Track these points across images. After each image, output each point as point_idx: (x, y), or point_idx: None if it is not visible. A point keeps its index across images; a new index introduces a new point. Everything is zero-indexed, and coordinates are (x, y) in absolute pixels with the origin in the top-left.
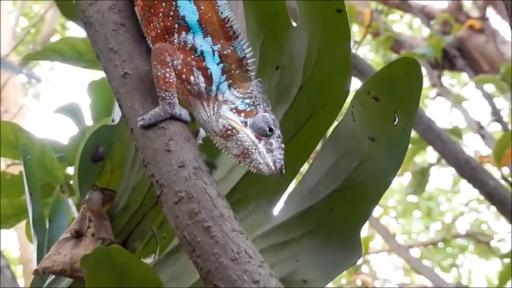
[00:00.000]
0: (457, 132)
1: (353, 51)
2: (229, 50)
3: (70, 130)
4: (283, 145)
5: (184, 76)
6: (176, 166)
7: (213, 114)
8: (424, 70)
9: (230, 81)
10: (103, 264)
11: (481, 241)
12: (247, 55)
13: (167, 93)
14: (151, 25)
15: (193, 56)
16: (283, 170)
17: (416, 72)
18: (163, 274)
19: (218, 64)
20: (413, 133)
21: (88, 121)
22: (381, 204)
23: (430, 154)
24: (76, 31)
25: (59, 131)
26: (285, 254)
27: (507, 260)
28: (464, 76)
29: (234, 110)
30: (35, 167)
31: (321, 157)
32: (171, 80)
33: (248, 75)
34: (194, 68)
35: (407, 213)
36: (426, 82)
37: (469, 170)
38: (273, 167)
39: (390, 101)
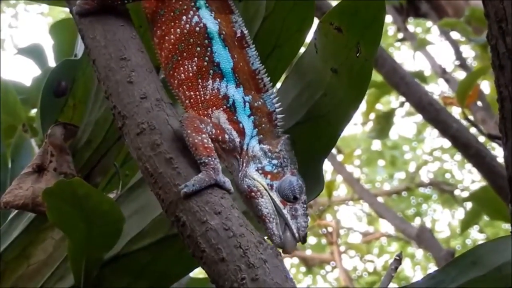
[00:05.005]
0: (421, 75)
1: None
2: (260, 103)
3: (33, 73)
4: (308, 212)
5: (219, 137)
6: (138, 97)
7: (240, 170)
8: (389, 17)
9: (261, 136)
10: (65, 197)
11: (445, 190)
12: (277, 110)
13: (209, 159)
14: (181, 68)
15: (224, 107)
16: (306, 238)
17: (378, 2)
18: (126, 209)
19: (249, 116)
20: (377, 77)
21: (52, 63)
22: (345, 152)
23: (394, 103)
24: None
25: (24, 77)
26: None
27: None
28: (429, 24)
29: (260, 171)
30: None
31: (283, 90)
32: (210, 145)
33: (276, 130)
34: (225, 126)
35: (371, 162)
36: (391, 31)
37: (432, 113)
38: (281, 239)
39: (352, 32)
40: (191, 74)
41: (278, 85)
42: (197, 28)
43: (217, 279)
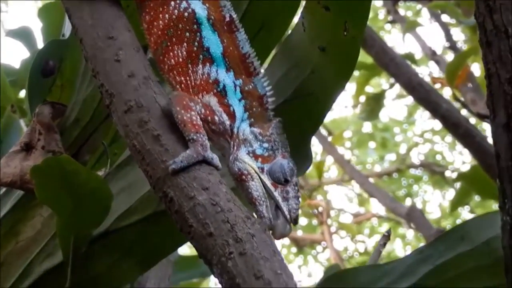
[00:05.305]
0: (411, 57)
1: None
2: (250, 87)
3: (23, 55)
4: (299, 194)
5: (209, 118)
6: (126, 75)
7: (231, 153)
8: (380, 1)
9: (252, 120)
10: (53, 174)
11: (435, 171)
12: (267, 93)
13: (198, 135)
14: (171, 53)
15: (215, 91)
16: (297, 220)
17: None
18: (114, 186)
19: (240, 100)
20: (367, 59)
21: (41, 46)
22: (335, 134)
23: (385, 86)
24: None
25: (13, 60)
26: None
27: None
28: (419, 7)
29: (251, 154)
30: None
31: (271, 68)
32: (199, 122)
33: (268, 114)
34: (215, 108)
35: (362, 144)
36: (381, 14)
37: (422, 93)
38: (271, 222)
39: (340, 10)
40: (181, 59)
41: (266, 64)
42: (186, 14)
43: (205, 254)
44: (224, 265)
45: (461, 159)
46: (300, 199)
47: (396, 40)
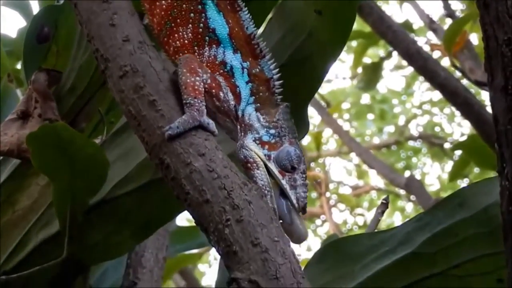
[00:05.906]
0: (408, 25)
1: None
2: (257, 70)
3: (19, 25)
4: (307, 182)
5: (214, 91)
6: (121, 40)
7: (238, 139)
8: None
9: (258, 104)
10: (49, 141)
11: (434, 143)
12: (274, 76)
13: (196, 100)
14: (176, 35)
15: (222, 71)
16: (306, 209)
17: None
18: (110, 154)
19: (247, 83)
20: (365, 28)
21: None
22: (333, 104)
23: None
24: None
25: (9, 29)
26: None
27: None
28: None
29: (257, 141)
30: None
31: (268, 33)
32: (200, 88)
33: (275, 98)
34: (222, 84)
35: (360, 115)
36: None
37: (420, 61)
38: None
39: None
40: (186, 41)
41: (262, 28)
42: None
43: (202, 221)
44: (221, 232)
45: (460, 130)
46: (307, 187)
47: (394, 11)
